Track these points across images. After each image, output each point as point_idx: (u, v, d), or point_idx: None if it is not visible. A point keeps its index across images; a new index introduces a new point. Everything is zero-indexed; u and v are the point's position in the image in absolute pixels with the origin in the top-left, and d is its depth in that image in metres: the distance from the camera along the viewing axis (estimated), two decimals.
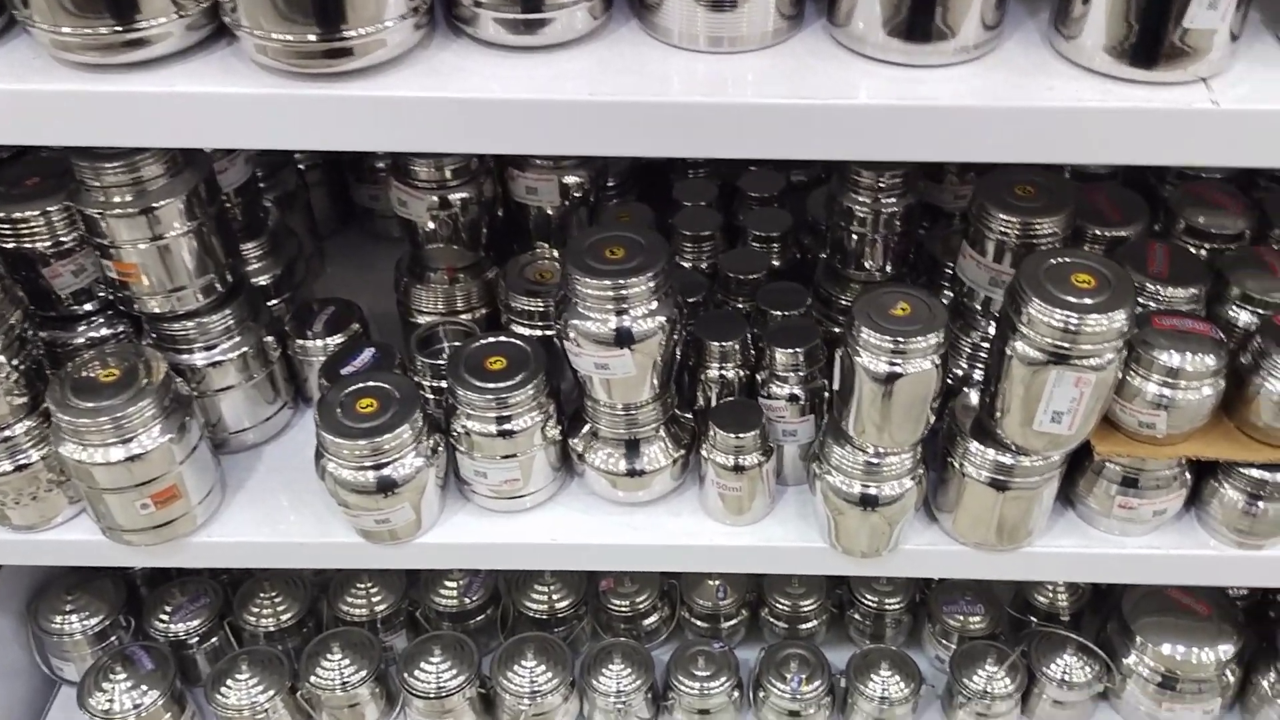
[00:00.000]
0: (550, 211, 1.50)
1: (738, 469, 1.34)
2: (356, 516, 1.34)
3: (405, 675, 1.71)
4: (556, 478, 1.40)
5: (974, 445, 1.28)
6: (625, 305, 1.21)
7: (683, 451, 1.38)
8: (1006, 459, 1.26)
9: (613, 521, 1.39)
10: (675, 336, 1.27)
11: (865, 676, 1.71)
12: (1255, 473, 1.28)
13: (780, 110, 0.98)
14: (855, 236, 1.41)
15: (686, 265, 1.56)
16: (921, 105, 0.97)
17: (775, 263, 1.55)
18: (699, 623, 1.85)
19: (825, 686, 1.72)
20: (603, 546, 1.38)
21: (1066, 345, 1.12)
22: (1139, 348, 1.21)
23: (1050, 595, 1.81)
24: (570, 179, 1.48)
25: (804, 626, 1.84)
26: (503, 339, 1.35)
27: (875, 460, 1.26)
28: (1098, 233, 1.39)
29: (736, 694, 1.75)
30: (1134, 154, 0.98)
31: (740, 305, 1.48)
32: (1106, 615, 1.76)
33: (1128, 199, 1.42)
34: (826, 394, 1.34)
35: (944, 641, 1.80)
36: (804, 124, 0.99)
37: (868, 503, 1.29)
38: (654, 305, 1.22)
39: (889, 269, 1.44)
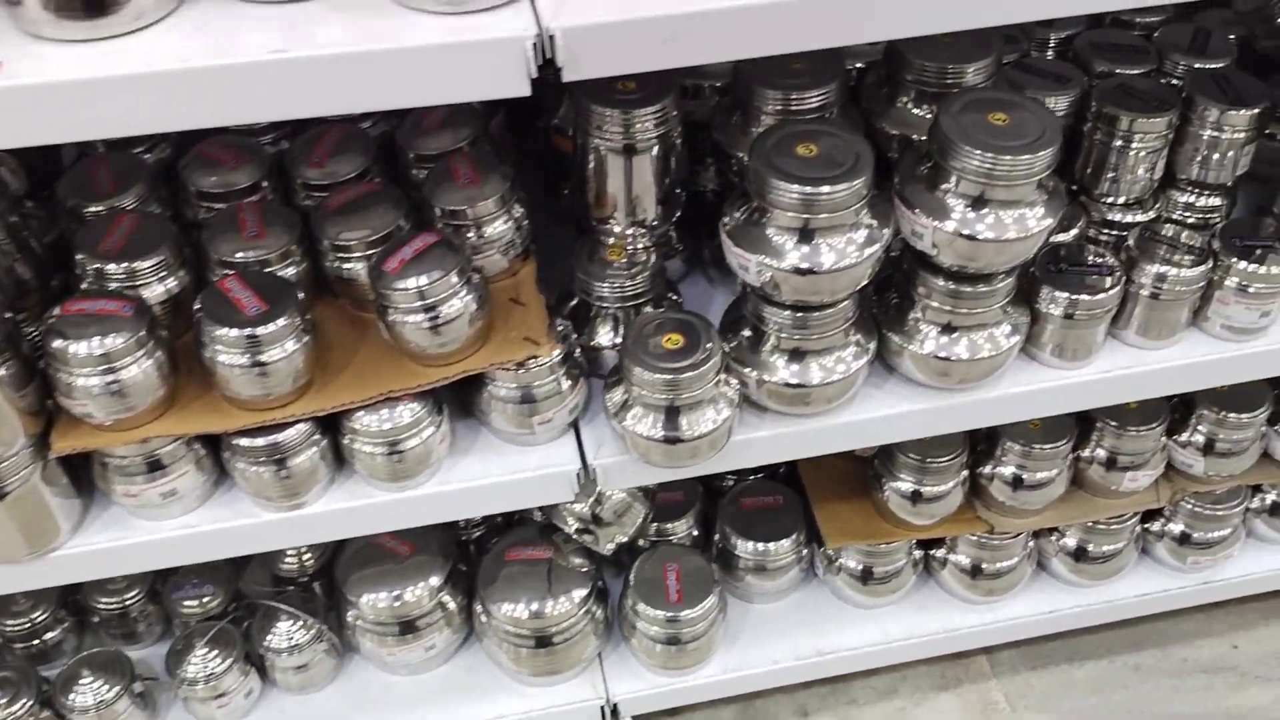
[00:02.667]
0: None
1: None
2: None
3: None
4: None
5: None
6: None
7: None
8: None
9: None
10: None
11: (70, 687, 1.62)
12: (249, 441, 1.24)
13: None
14: None
15: None
16: None
17: None
18: None
19: (34, 703, 1.62)
20: None
21: None
22: (51, 337, 1.14)
23: (296, 560, 1.77)
24: None
25: (47, 638, 1.73)
26: None
27: None
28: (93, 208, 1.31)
29: None
30: None
31: None
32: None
33: (127, 164, 1.35)
34: None
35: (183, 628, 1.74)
36: None
37: None
38: None
39: None
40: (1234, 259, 1.40)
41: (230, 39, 0.95)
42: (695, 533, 1.84)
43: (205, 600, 1.73)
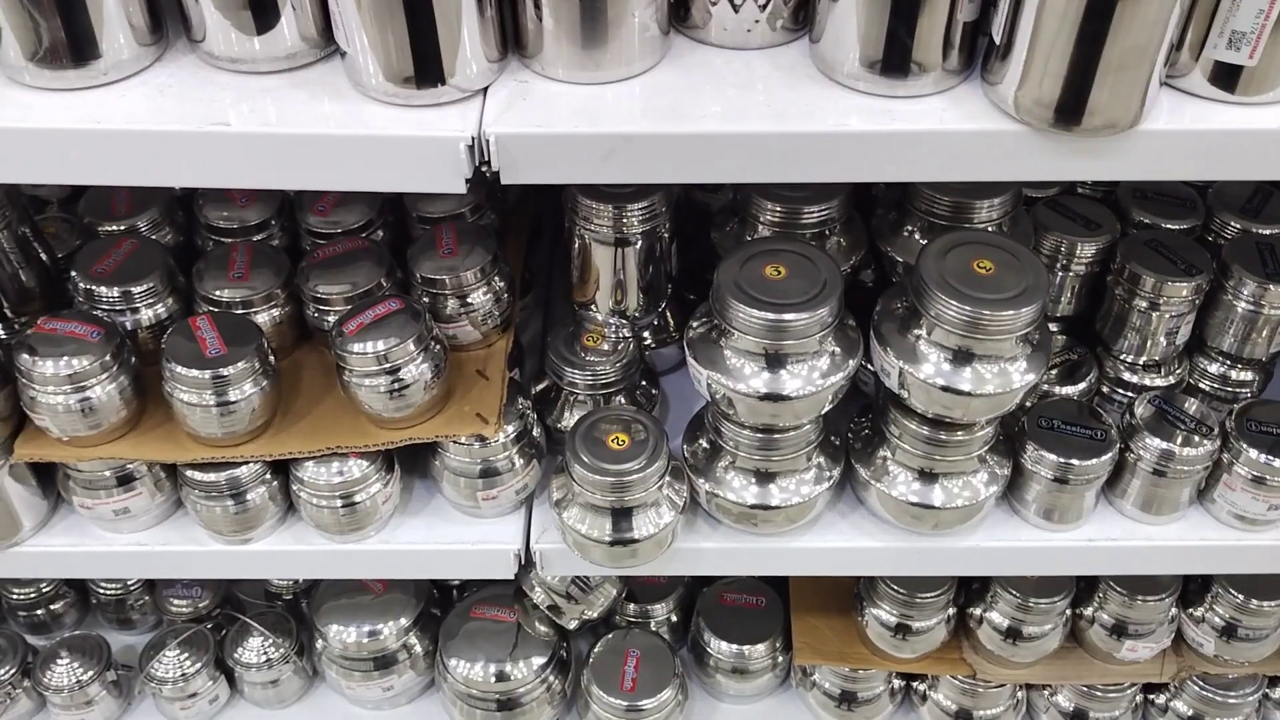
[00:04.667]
0: None
1: None
2: None
3: None
4: None
5: None
6: None
7: None
8: None
9: None
10: None
11: (49, 666, 1.70)
12: (200, 474, 1.28)
13: None
14: None
15: None
16: None
17: None
18: None
19: (17, 671, 1.71)
20: None
21: None
22: (18, 351, 1.21)
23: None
24: None
25: (52, 608, 1.82)
26: None
27: None
28: (106, 227, 1.37)
29: None
30: None
31: None
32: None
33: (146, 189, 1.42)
34: None
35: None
36: None
37: None
38: None
39: None
40: (1246, 446, 1.29)
41: (185, 106, 0.98)
42: (674, 619, 1.81)
43: (195, 601, 1.79)
